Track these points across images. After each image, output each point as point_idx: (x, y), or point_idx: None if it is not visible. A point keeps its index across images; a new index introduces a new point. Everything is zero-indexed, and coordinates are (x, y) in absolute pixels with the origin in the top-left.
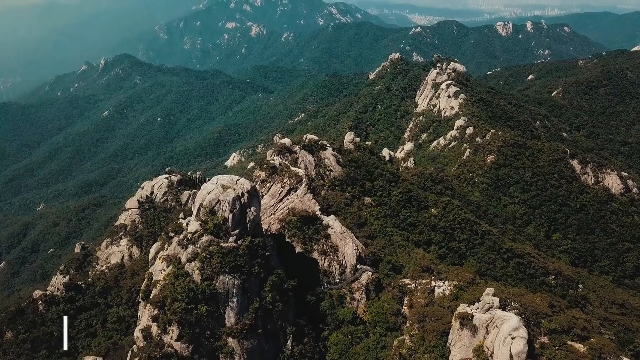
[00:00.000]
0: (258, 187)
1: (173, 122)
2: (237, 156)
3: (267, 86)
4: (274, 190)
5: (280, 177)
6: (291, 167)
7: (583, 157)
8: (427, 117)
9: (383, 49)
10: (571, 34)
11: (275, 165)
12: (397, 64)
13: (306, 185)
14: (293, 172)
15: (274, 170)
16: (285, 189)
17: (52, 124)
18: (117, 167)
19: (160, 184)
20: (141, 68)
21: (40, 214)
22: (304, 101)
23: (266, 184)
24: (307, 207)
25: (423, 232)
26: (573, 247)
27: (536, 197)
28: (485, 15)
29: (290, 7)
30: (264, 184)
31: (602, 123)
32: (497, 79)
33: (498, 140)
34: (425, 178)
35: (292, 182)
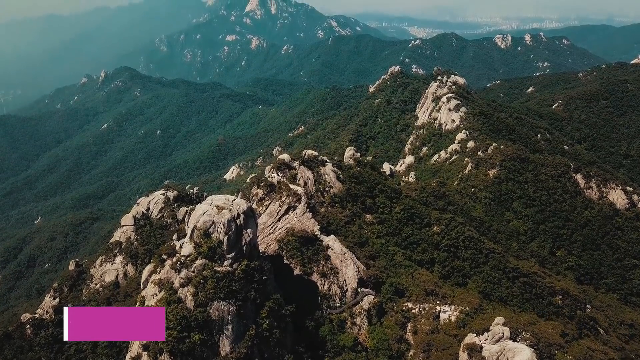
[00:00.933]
0: (255, 205)
1: (172, 134)
2: (237, 169)
3: (267, 99)
4: (272, 209)
5: (278, 195)
6: (290, 184)
7: (587, 172)
8: (427, 131)
9: (382, 62)
10: (570, 46)
11: (273, 183)
12: (397, 77)
13: (305, 203)
14: (292, 190)
15: (272, 188)
16: (283, 208)
17: (51, 136)
18: (115, 180)
19: (156, 200)
20: (141, 81)
21: (37, 227)
22: (303, 114)
23: (264, 202)
24: (306, 227)
25: (426, 250)
26: (578, 264)
27: (540, 213)
28: (484, 28)
29: (290, 21)
30: (262, 202)
31: (603, 136)
32: (497, 91)
33: (500, 154)
34: (427, 193)
35: (290, 200)
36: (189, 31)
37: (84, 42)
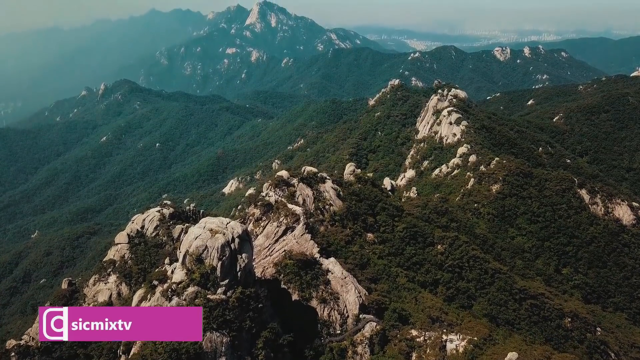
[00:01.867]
0: (252, 226)
1: (171, 147)
2: (235, 183)
3: (267, 111)
4: (269, 230)
5: (276, 215)
6: (288, 204)
7: (592, 187)
8: (428, 144)
9: (382, 74)
10: (568, 59)
11: (270, 203)
12: (397, 90)
13: (304, 224)
14: (290, 210)
15: (269, 208)
16: (281, 229)
17: (50, 149)
18: (113, 194)
19: (151, 218)
20: (140, 93)
21: (34, 242)
22: (303, 127)
23: (261, 222)
24: (304, 249)
25: (429, 271)
26: (585, 282)
27: (544, 229)
28: (483, 41)
29: (290, 34)
30: (259, 223)
31: (605, 149)
32: (497, 104)
33: (503, 168)
34: (430, 210)
35: (288, 221)
36: (189, 44)
37: (84, 55)
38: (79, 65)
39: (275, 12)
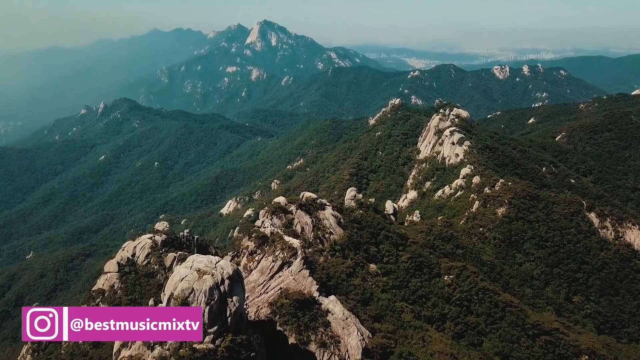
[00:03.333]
0: (245, 260)
1: (170, 166)
2: (233, 203)
3: (267, 129)
4: (264, 265)
5: (271, 248)
6: (285, 236)
7: (601, 210)
8: (430, 165)
9: (382, 92)
10: (567, 77)
11: (265, 235)
12: (397, 109)
13: (302, 259)
14: (286, 244)
15: (264, 240)
16: (277, 264)
17: (47, 168)
18: (111, 214)
19: (143, 245)
20: (140, 112)
21: (27, 264)
22: (303, 146)
23: (255, 256)
24: (302, 287)
25: (436, 305)
26: (597, 311)
27: (553, 254)
28: (481, 59)
29: (290, 52)
30: (253, 257)
31: (609, 168)
32: (498, 122)
33: (508, 191)
34: (434, 236)
35: (285, 255)
36: (189, 63)
37: (86, 74)
38: (80, 84)
39: (275, 31)
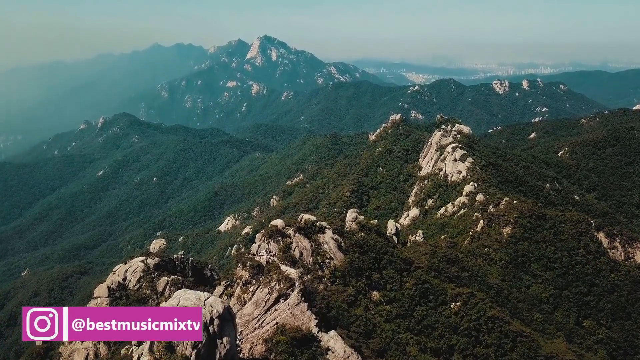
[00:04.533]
0: (239, 290)
1: (169, 181)
2: (232, 220)
3: (267, 144)
4: (259, 297)
5: (266, 279)
6: (281, 266)
7: (610, 230)
8: (432, 182)
9: (382, 107)
10: (567, 91)
11: (261, 264)
12: (398, 125)
13: (299, 291)
14: (283, 274)
15: (259, 270)
16: (273, 296)
17: (45, 183)
18: (108, 230)
19: (134, 269)
20: (139, 127)
21: (22, 282)
22: (302, 161)
23: (249, 287)
24: (300, 322)
25: (443, 335)
26: (609, 337)
27: (562, 276)
28: (481, 74)
29: (291, 67)
30: (247, 288)
31: (613, 184)
32: (499, 137)
33: (514, 210)
34: (439, 258)
35: (281, 287)
36: (190, 77)
37: (87, 89)
38: (80, 98)
39: (275, 46)
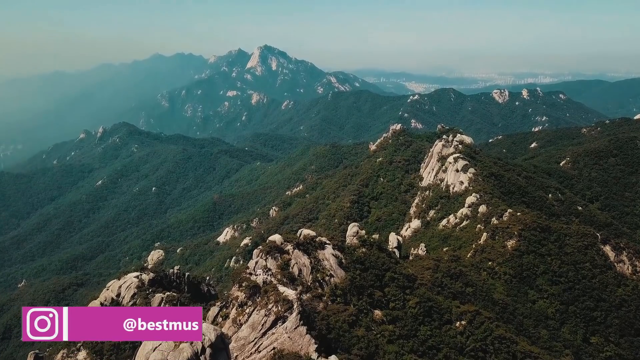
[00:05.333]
0: (235, 312)
1: (168, 191)
2: (231, 231)
3: (266, 154)
4: (256, 320)
5: (263, 300)
6: (279, 286)
7: (616, 243)
8: (434, 192)
9: (382, 116)
10: (567, 100)
11: (257, 284)
12: (399, 135)
13: (298, 314)
14: (281, 295)
15: (256, 291)
16: (270, 319)
17: (44, 193)
18: (106, 240)
19: (128, 285)
20: (139, 137)
21: (18, 294)
22: (302, 171)
23: (245, 308)
24: (298, 347)
25: (448, 357)
26: (618, 354)
27: (568, 291)
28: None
29: (291, 77)
30: (243, 309)
31: (615, 195)
32: (500, 146)
33: (517, 222)
34: (442, 273)
35: (279, 309)
36: (190, 87)
37: (87, 98)
38: (81, 108)
39: (276, 55)
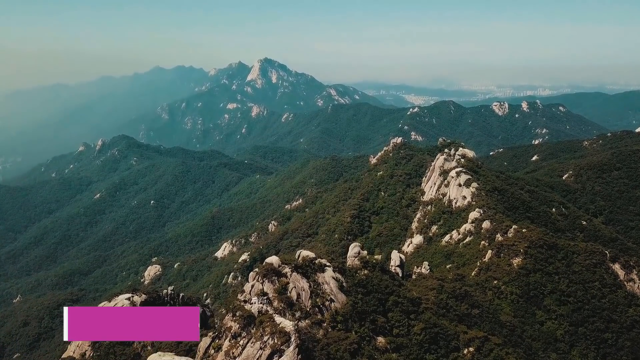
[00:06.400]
0: (228, 343)
1: (166, 205)
2: (229, 246)
3: (266, 166)
4: (250, 353)
5: (258, 331)
6: (275, 316)
7: (626, 261)
8: (436, 207)
9: (382, 129)
10: (566, 113)
11: (252, 314)
12: (400, 148)
13: (296, 347)
14: (277, 327)
15: (250, 321)
16: (265, 352)
17: (41, 207)
18: (103, 255)
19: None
20: (138, 149)
21: (11, 310)
22: (302, 184)
23: (239, 340)
24: None
25: None
26: None
27: (577, 312)
28: (479, 96)
29: (291, 89)
30: (236, 341)
31: (619, 209)
32: (501, 159)
33: (523, 239)
34: (447, 294)
35: (275, 342)
36: (190, 99)
37: (88, 111)
38: (81, 120)
39: (276, 68)
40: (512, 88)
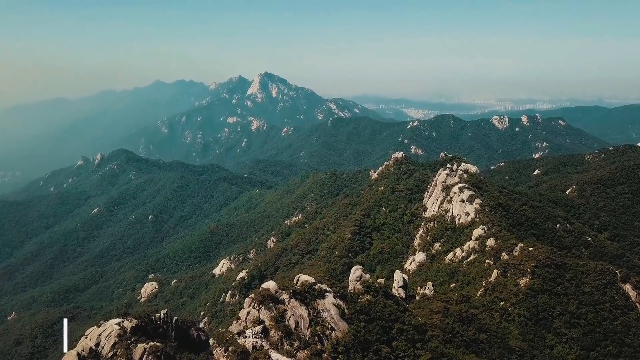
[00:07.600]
0: None
1: (165, 220)
2: (227, 263)
3: (266, 180)
4: None
5: None
6: (272, 353)
7: (637, 281)
8: (438, 224)
9: (382, 142)
10: (566, 127)
11: (246, 349)
12: (400, 163)
13: None
14: None
15: (244, 357)
16: None
17: (39, 221)
18: (100, 271)
19: (109, 333)
20: (137, 163)
21: (5, 328)
22: (302, 199)
23: None
24: None
25: None
26: None
27: (588, 335)
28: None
29: (291, 103)
30: None
31: (624, 224)
32: (502, 174)
33: (530, 257)
34: (453, 318)
35: None
36: (190, 113)
37: (88, 125)
38: (82, 134)
39: (276, 82)
40: (511, 102)
